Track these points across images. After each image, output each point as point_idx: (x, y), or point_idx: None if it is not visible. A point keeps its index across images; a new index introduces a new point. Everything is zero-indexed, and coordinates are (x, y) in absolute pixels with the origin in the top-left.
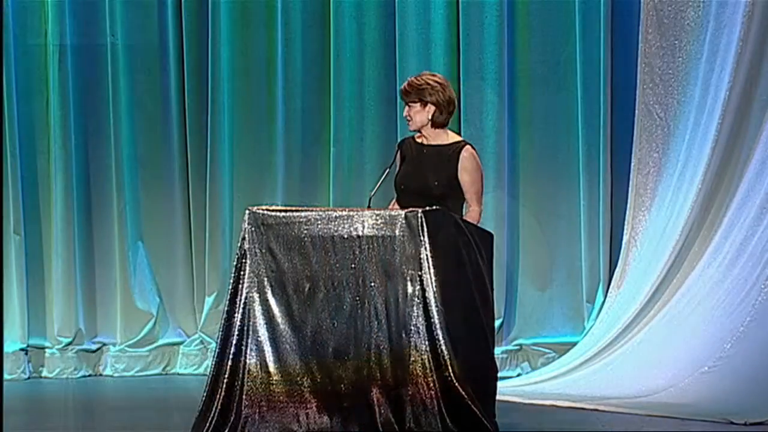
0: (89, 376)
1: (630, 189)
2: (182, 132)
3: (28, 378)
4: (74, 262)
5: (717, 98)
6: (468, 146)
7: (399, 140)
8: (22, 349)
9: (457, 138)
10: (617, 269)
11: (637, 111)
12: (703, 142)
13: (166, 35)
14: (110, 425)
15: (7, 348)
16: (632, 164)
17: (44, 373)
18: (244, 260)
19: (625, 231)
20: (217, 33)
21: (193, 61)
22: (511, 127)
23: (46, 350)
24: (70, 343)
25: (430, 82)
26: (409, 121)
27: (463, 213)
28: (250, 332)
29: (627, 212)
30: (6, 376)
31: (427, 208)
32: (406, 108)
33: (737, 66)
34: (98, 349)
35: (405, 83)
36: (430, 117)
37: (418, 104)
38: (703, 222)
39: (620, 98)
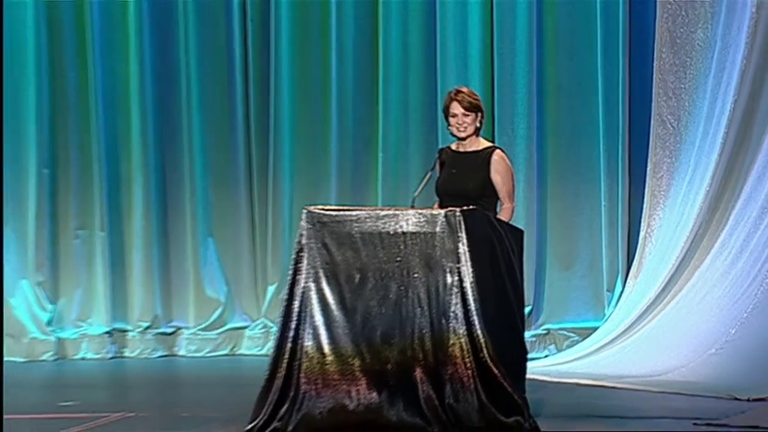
0: (165, 356)
1: (646, 190)
2: (247, 140)
3: (112, 358)
4: (152, 255)
5: (723, 110)
6: (498, 150)
7: (439, 147)
8: (106, 333)
9: (489, 144)
10: (634, 262)
11: (652, 121)
12: (711, 149)
13: (233, 54)
14: (184, 399)
15: (94, 331)
16: (648, 168)
17: (126, 354)
18: (301, 254)
19: (641, 227)
20: (279, 51)
21: (257, 78)
22: (540, 135)
23: (128, 333)
24: (148, 327)
25: (478, 97)
26: (463, 129)
27: (498, 210)
28: (307, 318)
29: (643, 211)
30: (92, 356)
31: (465, 207)
32: (461, 117)
33: (741, 81)
34: (173, 332)
35: (463, 95)
36: (478, 125)
37: (474, 114)
38: (711, 220)
39: (637, 109)
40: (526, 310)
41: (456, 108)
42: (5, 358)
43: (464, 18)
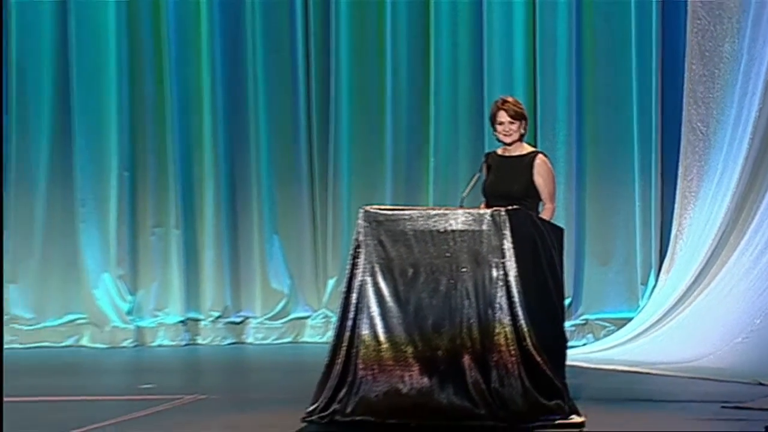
0: (234, 343)
1: (677, 192)
2: (309, 144)
3: (186, 345)
4: (223, 251)
5: (749, 118)
6: (540, 154)
7: (486, 152)
8: (181, 322)
9: (532, 149)
10: (666, 257)
11: (683, 127)
12: (737, 153)
13: (296, 66)
14: (251, 383)
15: (169, 320)
16: (679, 171)
17: (199, 341)
18: (359, 250)
19: (673, 226)
20: (339, 64)
21: (319, 87)
22: (579, 140)
23: (201, 322)
24: (219, 317)
25: (522, 106)
26: (508, 135)
27: (540, 210)
28: (364, 309)
29: (675, 211)
30: (168, 343)
31: (509, 207)
32: (507, 125)
33: (766, 91)
34: (242, 321)
35: (509, 104)
36: (522, 131)
37: (519, 122)
38: (738, 219)
39: (669, 117)
40: (566, 301)
41: (502, 116)
42: (90, 345)
43: (509, 36)
